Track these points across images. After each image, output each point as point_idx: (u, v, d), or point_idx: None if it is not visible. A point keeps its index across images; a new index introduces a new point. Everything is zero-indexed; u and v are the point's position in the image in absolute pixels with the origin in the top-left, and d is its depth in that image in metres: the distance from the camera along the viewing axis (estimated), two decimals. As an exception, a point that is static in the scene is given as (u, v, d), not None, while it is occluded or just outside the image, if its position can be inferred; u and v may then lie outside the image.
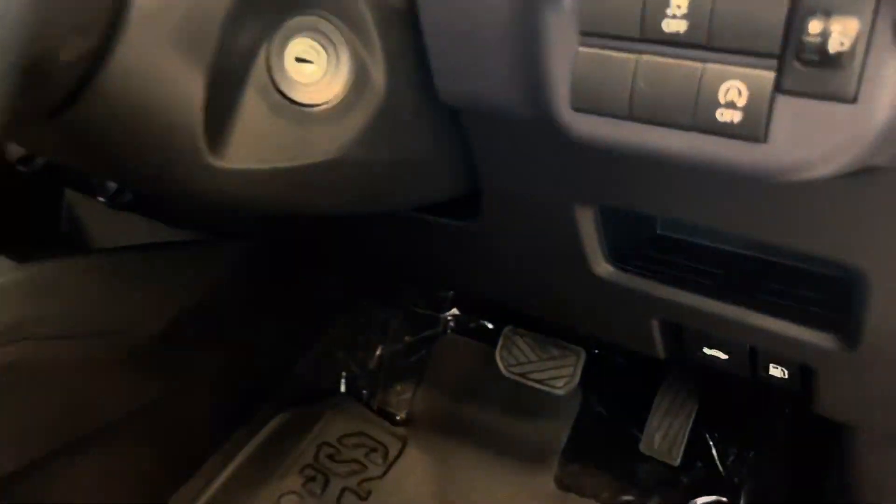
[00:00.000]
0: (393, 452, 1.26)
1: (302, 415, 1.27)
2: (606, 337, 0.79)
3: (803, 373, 0.66)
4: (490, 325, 1.32)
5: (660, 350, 0.75)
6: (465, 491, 1.19)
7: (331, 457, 1.24)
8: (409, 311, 1.37)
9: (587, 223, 0.64)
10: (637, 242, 0.71)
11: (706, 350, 0.71)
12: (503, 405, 1.26)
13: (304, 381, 1.29)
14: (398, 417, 1.31)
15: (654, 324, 0.71)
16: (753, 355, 0.68)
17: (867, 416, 0.64)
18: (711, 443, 1.13)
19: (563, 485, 1.17)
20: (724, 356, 0.70)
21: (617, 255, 0.69)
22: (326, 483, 1.20)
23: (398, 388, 1.34)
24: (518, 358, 1.15)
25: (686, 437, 1.07)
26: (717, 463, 1.11)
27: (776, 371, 0.68)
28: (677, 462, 1.07)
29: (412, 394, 1.32)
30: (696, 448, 1.11)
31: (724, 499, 1.09)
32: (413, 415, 1.30)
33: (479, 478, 1.20)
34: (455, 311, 1.35)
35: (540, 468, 1.19)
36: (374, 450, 1.26)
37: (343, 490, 1.20)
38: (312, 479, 1.21)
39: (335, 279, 1.31)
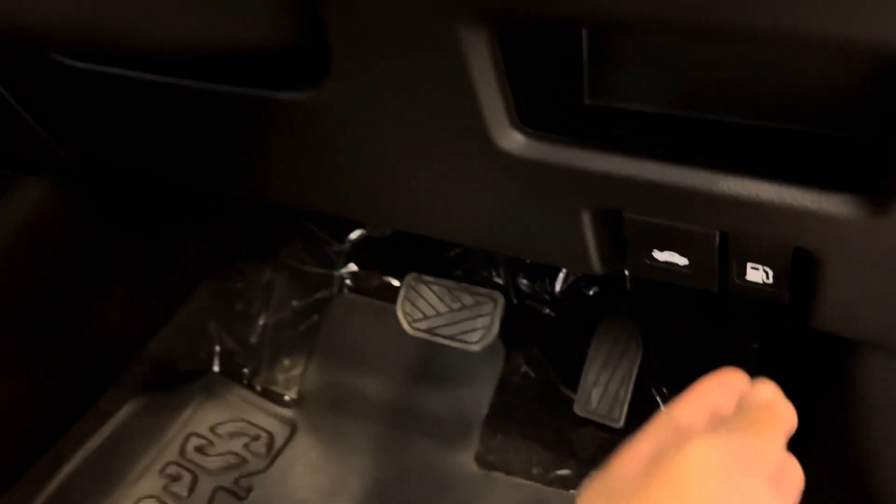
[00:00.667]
0: (280, 440, 1.03)
1: (163, 400, 1.03)
2: (521, 251, 0.58)
3: (797, 270, 0.46)
4: (395, 282, 1.11)
5: (594, 260, 0.54)
6: (367, 480, 0.97)
7: (201, 450, 1.00)
8: (295, 270, 1.14)
9: (482, 64, 0.44)
10: (558, 116, 0.50)
11: (657, 254, 0.51)
12: (411, 373, 1.04)
13: (163, 360, 1.05)
14: (287, 398, 1.09)
15: (585, 218, 0.50)
16: (724, 252, 0.48)
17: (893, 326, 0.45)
18: (659, 398, 0.94)
19: (486, 463, 0.97)
20: (682, 260, 0.50)
21: (529, 121, 0.48)
22: (195, 482, 0.97)
23: (286, 362, 1.11)
24: (424, 311, 0.94)
25: (630, 392, 0.88)
26: (668, 422, 0.92)
27: (756, 274, 0.49)
28: (620, 423, 0.88)
29: (303, 369, 1.10)
30: (642, 406, 0.92)
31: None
32: (304, 394, 1.08)
33: (384, 462, 0.98)
34: (352, 266, 1.13)
35: (457, 445, 0.98)
36: (256, 438, 1.03)
37: (216, 490, 0.96)
38: (177, 478, 0.97)
39: (199, 231, 1.06)
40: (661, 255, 0.51)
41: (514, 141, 0.47)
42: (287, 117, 0.53)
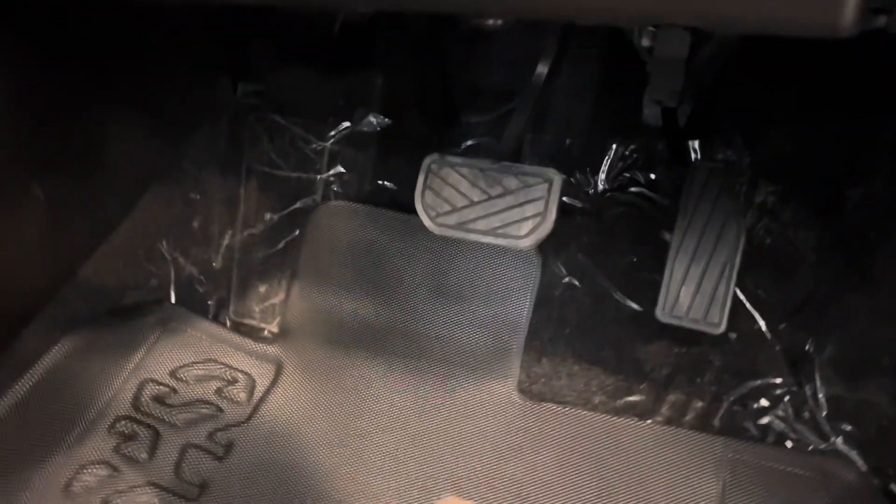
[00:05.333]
0: (263, 383, 0.81)
1: (104, 340, 0.79)
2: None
3: None
4: (390, 185, 0.89)
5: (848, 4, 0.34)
6: (377, 423, 0.76)
7: (161, 400, 0.77)
8: (265, 176, 0.91)
9: None
10: None
11: None
12: (423, 290, 0.83)
13: (101, 289, 0.80)
14: (267, 332, 0.86)
15: None
16: None
17: None
18: (742, 296, 0.75)
19: (533, 394, 0.77)
20: None
21: None
22: (156, 440, 0.74)
23: (262, 289, 0.89)
24: (452, 202, 0.72)
25: (731, 288, 0.69)
26: (762, 326, 0.74)
27: None
28: (721, 328, 0.69)
29: (284, 295, 0.87)
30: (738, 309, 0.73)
31: (780, 383, 0.72)
32: (287, 326, 0.86)
33: (398, 401, 0.77)
34: (338, 168, 0.91)
35: (493, 373, 0.78)
36: (232, 382, 0.80)
37: (185, 448, 0.73)
38: (132, 437, 0.73)
39: (136, 118, 0.81)
40: None
41: None
42: None
